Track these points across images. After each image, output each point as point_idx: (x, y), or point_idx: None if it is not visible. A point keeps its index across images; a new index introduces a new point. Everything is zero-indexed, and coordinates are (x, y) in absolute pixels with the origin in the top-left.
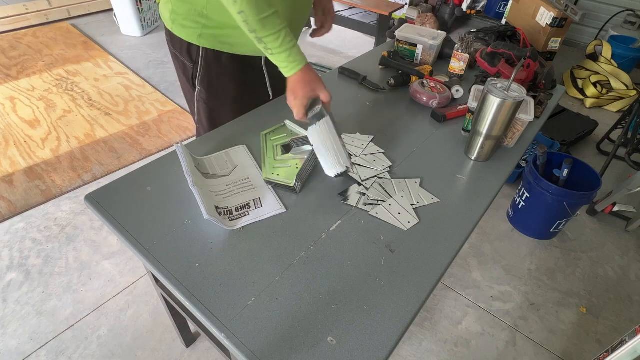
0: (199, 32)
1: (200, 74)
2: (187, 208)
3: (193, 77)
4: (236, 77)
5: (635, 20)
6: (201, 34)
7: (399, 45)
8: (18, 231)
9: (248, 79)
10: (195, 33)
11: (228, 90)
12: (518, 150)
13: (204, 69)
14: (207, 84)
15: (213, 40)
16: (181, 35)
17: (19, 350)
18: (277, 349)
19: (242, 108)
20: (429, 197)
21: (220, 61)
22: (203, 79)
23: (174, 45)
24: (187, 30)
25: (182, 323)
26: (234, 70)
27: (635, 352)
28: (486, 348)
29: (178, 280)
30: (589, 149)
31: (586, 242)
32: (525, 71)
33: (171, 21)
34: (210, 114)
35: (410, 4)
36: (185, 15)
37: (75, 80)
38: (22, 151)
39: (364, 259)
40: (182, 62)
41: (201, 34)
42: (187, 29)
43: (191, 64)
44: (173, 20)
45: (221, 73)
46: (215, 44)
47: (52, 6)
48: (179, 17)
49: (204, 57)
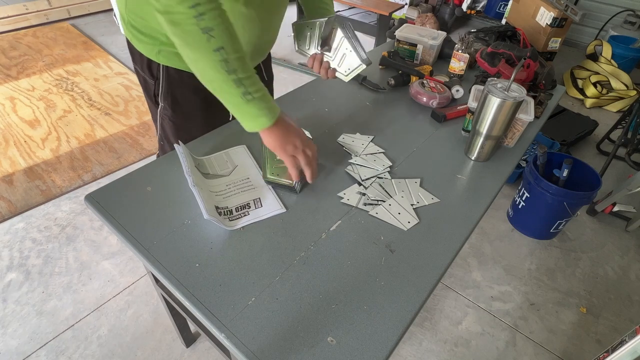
0: (157, 48)
1: (162, 91)
2: (187, 208)
3: (155, 94)
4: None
5: (635, 20)
6: (160, 50)
7: (399, 45)
8: (18, 231)
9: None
10: (154, 50)
11: (194, 106)
12: (518, 150)
13: (166, 85)
14: (170, 101)
15: (172, 57)
16: (140, 49)
17: (19, 350)
18: (277, 349)
19: (210, 122)
20: (429, 197)
21: (183, 78)
22: (166, 96)
23: (134, 59)
24: (145, 46)
25: (182, 323)
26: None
27: (635, 352)
28: (486, 348)
29: (178, 280)
30: (589, 149)
31: (586, 242)
32: (525, 71)
33: (130, 34)
34: (176, 131)
35: (410, 4)
36: (141, 30)
37: (75, 80)
38: (22, 151)
39: (364, 259)
40: (143, 78)
41: (160, 51)
42: (145, 44)
43: (152, 80)
44: (131, 33)
45: (185, 89)
46: (175, 62)
47: (52, 6)
48: (135, 30)
49: (165, 74)
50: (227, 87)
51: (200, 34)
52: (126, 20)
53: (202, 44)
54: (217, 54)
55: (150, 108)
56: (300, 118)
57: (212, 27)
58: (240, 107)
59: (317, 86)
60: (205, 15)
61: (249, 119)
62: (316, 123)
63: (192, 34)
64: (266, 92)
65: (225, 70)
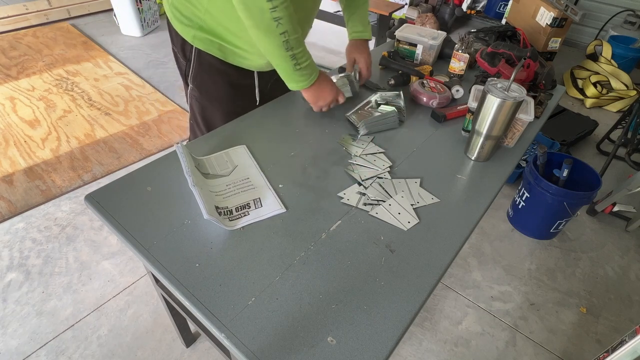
0: (193, 32)
1: (192, 72)
2: (187, 208)
3: (186, 74)
4: (228, 80)
5: (635, 20)
6: (195, 35)
7: (399, 45)
8: (18, 231)
9: (240, 83)
10: (190, 33)
11: (219, 92)
12: (518, 150)
13: (197, 68)
14: (199, 84)
15: (207, 43)
16: (177, 30)
17: (19, 350)
18: (277, 349)
19: (232, 110)
20: (429, 197)
21: (213, 64)
22: (195, 78)
23: (172, 38)
24: (183, 27)
25: (182, 323)
26: (226, 73)
27: (635, 352)
28: (486, 348)
29: (178, 280)
30: (589, 149)
31: (586, 242)
32: (525, 71)
33: (171, 13)
34: (202, 112)
35: (410, 4)
36: (183, 11)
37: (75, 80)
38: (22, 151)
39: (364, 259)
40: (178, 58)
41: (195, 36)
42: (184, 25)
43: (184, 61)
44: (172, 13)
45: (213, 75)
46: (208, 47)
47: (52, 6)
48: (176, 11)
49: (197, 57)
50: (283, 60)
51: (271, 21)
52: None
53: (272, 29)
54: (282, 36)
55: (184, 88)
56: (300, 118)
57: (282, 17)
58: (290, 74)
59: None
60: (278, 8)
61: (294, 82)
62: (316, 123)
63: (265, 21)
64: (311, 60)
65: (285, 48)
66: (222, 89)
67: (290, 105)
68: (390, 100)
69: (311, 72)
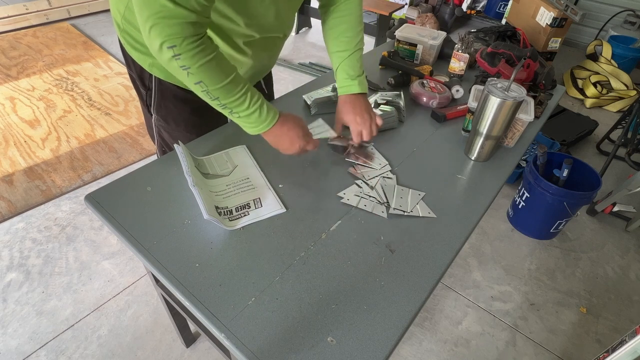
0: (150, 60)
1: (155, 102)
2: (187, 208)
3: (147, 104)
4: (195, 107)
5: (635, 20)
6: (152, 63)
7: (399, 45)
8: (18, 231)
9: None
10: (147, 60)
11: (187, 121)
12: (518, 150)
13: (159, 97)
14: (165, 114)
15: (165, 72)
16: (133, 57)
17: (19, 350)
18: (277, 349)
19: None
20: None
21: (176, 93)
22: (160, 108)
23: (128, 64)
24: (139, 55)
25: (182, 323)
26: (192, 101)
27: (635, 352)
28: (486, 348)
29: (178, 280)
30: (589, 149)
31: (586, 242)
32: (525, 71)
33: (123, 39)
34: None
35: (410, 4)
36: (137, 38)
37: (75, 80)
38: (22, 151)
39: (364, 259)
40: (137, 86)
41: (152, 63)
42: (139, 53)
43: (144, 90)
44: (125, 39)
45: (178, 104)
46: (168, 76)
47: (52, 6)
48: (129, 37)
49: (158, 86)
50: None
51: (180, 70)
52: (121, 27)
53: (184, 77)
54: (198, 86)
55: (145, 115)
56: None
57: (189, 66)
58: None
59: (317, 86)
60: (182, 56)
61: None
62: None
63: (174, 69)
64: (257, 107)
65: (209, 97)
66: (191, 118)
67: (290, 105)
68: (390, 100)
69: (262, 120)
